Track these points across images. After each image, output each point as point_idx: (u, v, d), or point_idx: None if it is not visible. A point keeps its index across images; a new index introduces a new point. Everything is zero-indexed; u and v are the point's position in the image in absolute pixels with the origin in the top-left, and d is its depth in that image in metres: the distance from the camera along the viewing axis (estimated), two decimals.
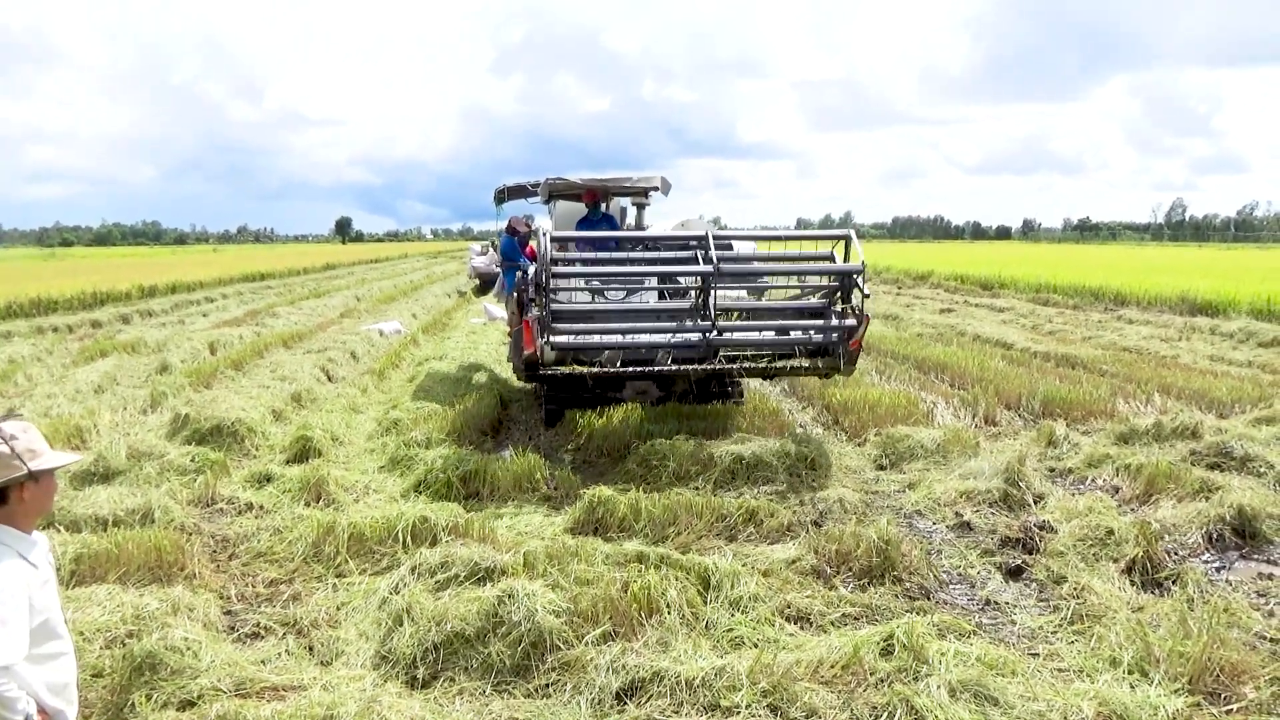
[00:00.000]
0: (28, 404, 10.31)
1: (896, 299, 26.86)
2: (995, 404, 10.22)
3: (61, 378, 12.38)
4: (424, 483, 7.22)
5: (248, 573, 5.80)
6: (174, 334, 17.57)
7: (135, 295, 25.86)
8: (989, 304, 23.84)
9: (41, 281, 26.64)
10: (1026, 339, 16.28)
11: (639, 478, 7.50)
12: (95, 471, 7.68)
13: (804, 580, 5.41)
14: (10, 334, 17.33)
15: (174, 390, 10.89)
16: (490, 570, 5.18)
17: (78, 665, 4.16)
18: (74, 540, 5.69)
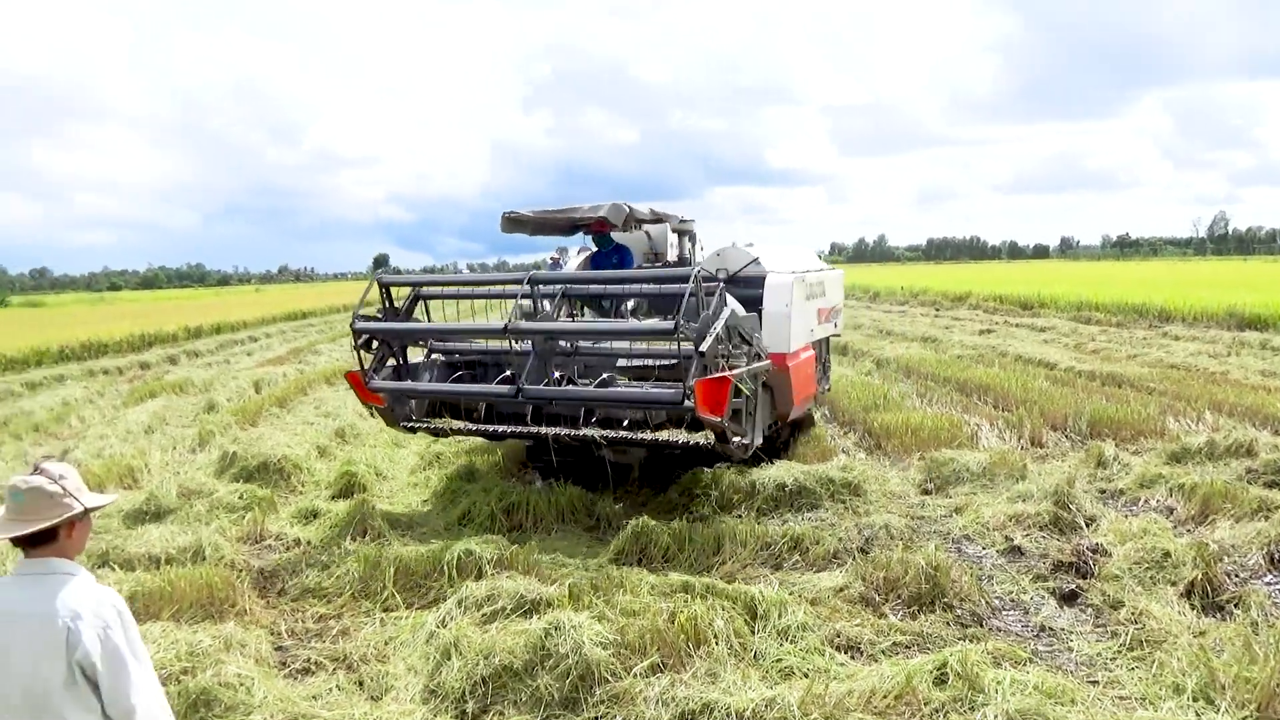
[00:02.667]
0: (81, 445, 10.55)
1: (935, 321, 26.61)
2: (1041, 425, 10.06)
3: (113, 419, 12.65)
4: (468, 516, 7.26)
5: (297, 608, 5.85)
6: (220, 373, 17.91)
7: (182, 336, 26.42)
8: (1029, 324, 23.53)
9: (91, 325, 27.32)
10: (1070, 358, 16.03)
11: (681, 507, 7.47)
12: (147, 510, 7.82)
13: (852, 608, 5.34)
14: (64, 377, 17.77)
15: (221, 429, 11.08)
16: (536, 602, 5.19)
17: None
18: (128, 578, 5.80)
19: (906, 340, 20.57)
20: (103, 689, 2.39)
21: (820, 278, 9.38)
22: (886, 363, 16.47)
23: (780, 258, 9.03)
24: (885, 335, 22.05)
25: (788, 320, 8.05)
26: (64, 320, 32.92)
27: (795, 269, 8.81)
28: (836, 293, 9.94)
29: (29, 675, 2.35)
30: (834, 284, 9.90)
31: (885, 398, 12.18)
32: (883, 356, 17.18)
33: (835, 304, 9.98)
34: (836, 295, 9.95)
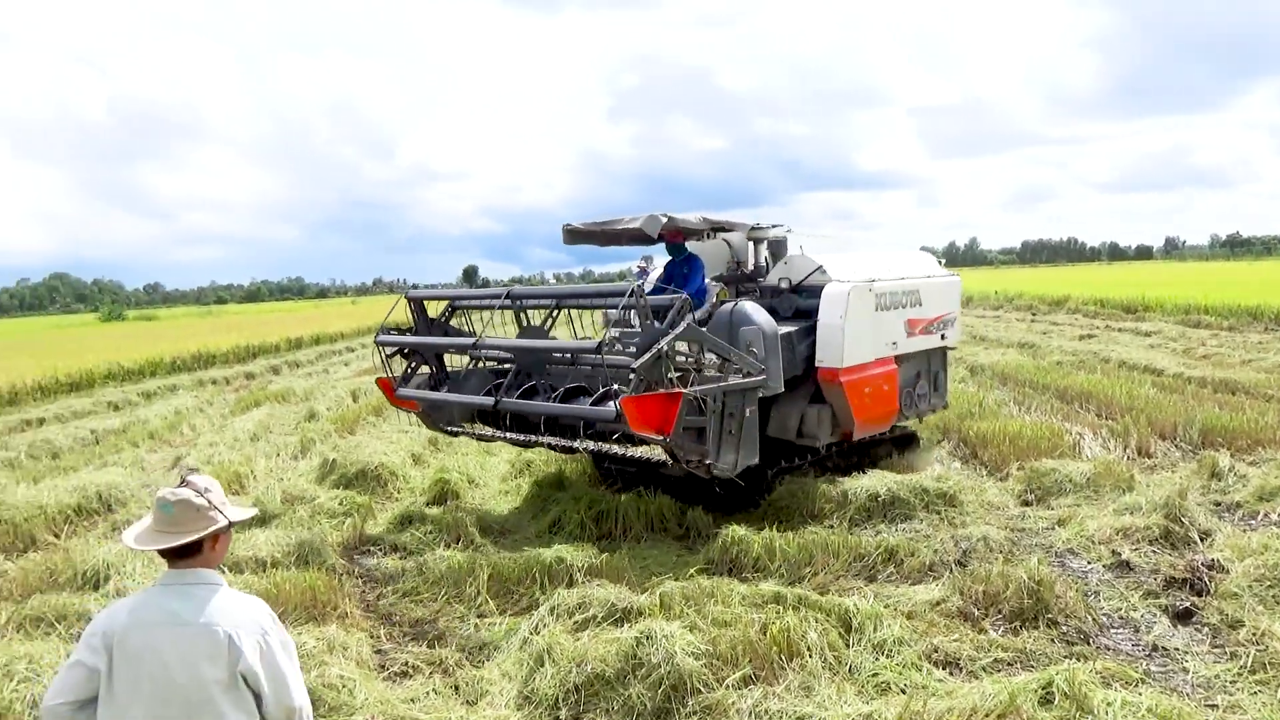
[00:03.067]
0: (193, 452, 11.05)
1: (1032, 326, 25.76)
2: (1148, 434, 9.63)
3: (221, 427, 13.23)
4: (558, 523, 7.34)
5: (395, 612, 6.01)
6: (319, 383, 18.55)
7: (283, 348, 27.50)
8: (1133, 328, 22.57)
9: (200, 337, 28.66)
10: (1178, 364, 15.30)
11: (771, 516, 7.40)
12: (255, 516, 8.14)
13: (950, 623, 5.20)
14: (176, 387, 18.68)
15: (321, 437, 11.47)
16: (627, 611, 5.21)
17: None
18: (238, 580, 6.03)
19: (1002, 346, 19.96)
20: (264, 694, 2.47)
21: (913, 285, 8.67)
22: (981, 369, 16.02)
23: (852, 265, 8.38)
24: (979, 341, 21.44)
25: (840, 333, 7.70)
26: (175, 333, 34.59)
27: (865, 277, 8.16)
28: (942, 302, 9.07)
29: (189, 683, 2.42)
30: (936, 292, 9.01)
31: (981, 405, 11.84)
32: (977, 363, 16.71)
33: (941, 314, 9.07)
34: (942, 304, 9.07)
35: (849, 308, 7.75)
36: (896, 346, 8.46)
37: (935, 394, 9.38)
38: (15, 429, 13.99)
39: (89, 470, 10.06)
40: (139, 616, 2.46)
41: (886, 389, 8.29)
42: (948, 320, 9.22)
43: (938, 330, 9.07)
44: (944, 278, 9.42)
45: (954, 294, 9.40)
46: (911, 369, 8.86)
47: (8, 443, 12.51)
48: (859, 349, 7.91)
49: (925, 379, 9.14)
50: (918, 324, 8.74)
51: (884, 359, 8.28)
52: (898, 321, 8.42)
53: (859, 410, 7.93)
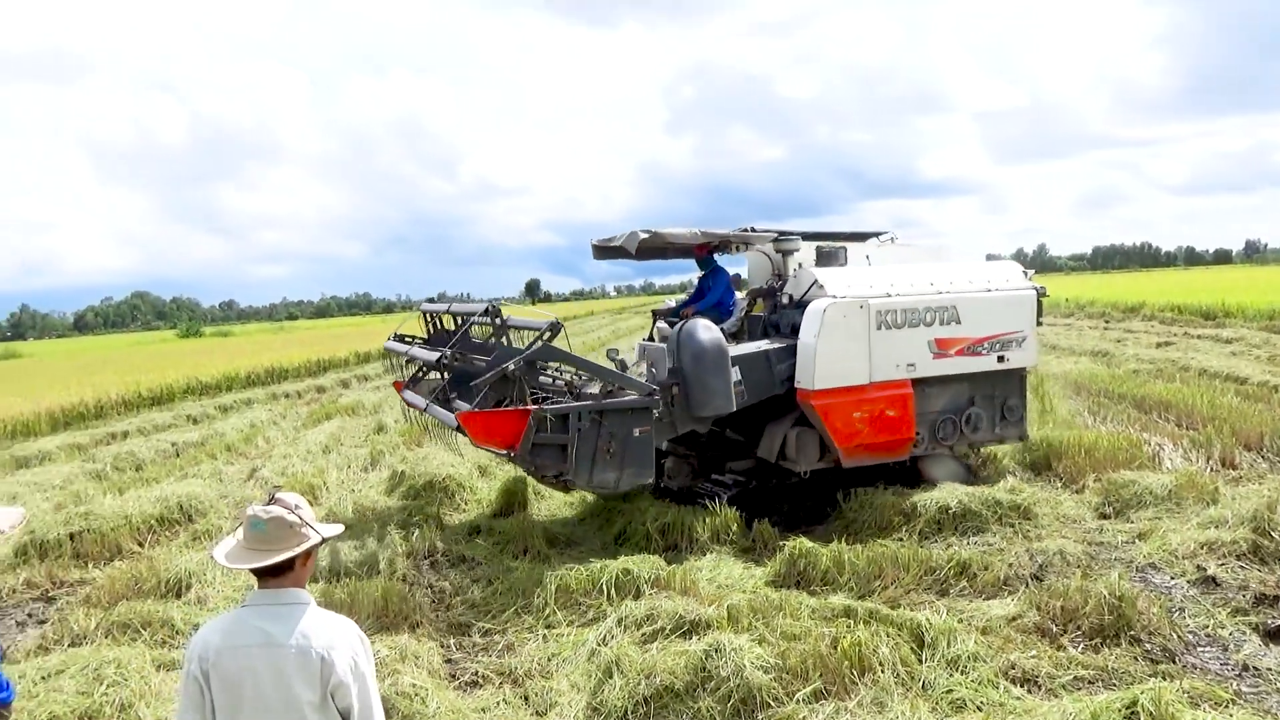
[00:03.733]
0: (268, 464, 11.35)
1: (1105, 334, 25.03)
2: (1233, 445, 9.27)
3: (294, 439, 13.57)
4: (624, 535, 7.35)
5: (465, 622, 6.08)
6: (387, 396, 18.89)
7: (352, 361, 28.12)
8: (1213, 335, 21.76)
9: (273, 353, 29.47)
10: (1263, 372, 14.71)
11: (839, 528, 7.31)
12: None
13: (1027, 639, 5.06)
14: (251, 400, 19.23)
15: (390, 449, 11.69)
16: (695, 623, 5.19)
17: None
18: (314, 589, 6.15)
19: (1074, 355, 19.44)
20: (353, 712, 2.49)
21: (944, 301, 7.87)
22: (1053, 378, 15.61)
23: (856, 279, 7.87)
24: (1050, 349, 20.91)
25: (812, 352, 7.46)
26: (250, 348, 35.60)
27: (863, 293, 7.66)
28: (997, 319, 8.11)
29: (283, 704, 2.44)
30: (985, 308, 8.07)
31: (1054, 415, 11.54)
32: (1048, 372, 16.29)
33: (994, 333, 8.11)
34: (997, 322, 8.11)
35: (824, 325, 7.43)
36: (915, 369, 7.80)
37: (1003, 423, 8.37)
38: (102, 441, 14.55)
39: (170, 481, 10.41)
40: (233, 639, 2.47)
41: (893, 415, 7.69)
42: (1008, 340, 8.13)
43: (990, 351, 8.08)
44: (1005, 292, 8.28)
45: (1020, 310, 8.25)
46: (950, 395, 8.10)
47: (95, 455, 13.01)
48: (838, 369, 7.51)
49: (983, 406, 8.24)
50: (952, 344, 7.93)
51: (890, 382, 7.70)
52: (917, 341, 7.76)
53: (841, 436, 7.57)
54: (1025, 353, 8.30)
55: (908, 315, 7.74)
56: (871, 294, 7.71)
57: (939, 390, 8.01)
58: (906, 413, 7.76)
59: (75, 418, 16.92)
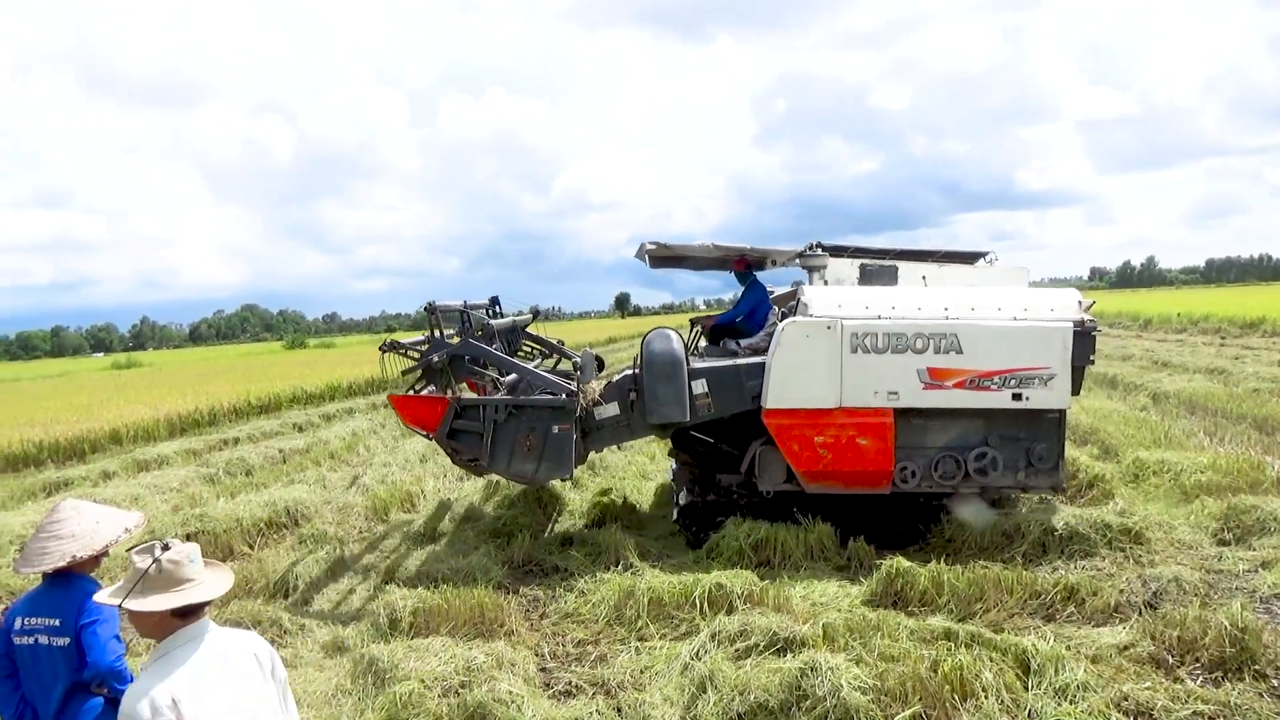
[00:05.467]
0: (369, 472, 11.71)
1: (1221, 350, 23.76)
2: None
3: (393, 448, 13.97)
4: (716, 549, 7.31)
5: (557, 632, 6.15)
6: None
7: None
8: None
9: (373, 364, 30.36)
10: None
11: (938, 549, 7.13)
12: (424, 533, 8.56)
13: (1141, 669, 4.83)
14: (352, 410, 19.89)
15: None
16: (790, 640, 5.13)
17: (421, 711, 4.60)
18: (411, 594, 6.34)
19: (1188, 372, 18.50)
20: None
21: (940, 328, 7.17)
22: (1165, 397, 14.90)
23: (841, 298, 7.45)
24: (1161, 367, 19.98)
25: (767, 370, 7.35)
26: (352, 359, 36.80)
27: (838, 313, 7.27)
28: (1012, 352, 7.16)
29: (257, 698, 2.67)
30: (995, 339, 7.16)
31: (1166, 435, 11.02)
32: (1160, 390, 15.56)
33: (1007, 367, 7.16)
34: (1013, 355, 7.16)
35: (779, 344, 7.28)
36: (898, 398, 7.25)
37: (1030, 470, 7.36)
38: (214, 447, 15.24)
39: (278, 487, 10.84)
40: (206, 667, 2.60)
41: (865, 444, 7.27)
42: (1028, 377, 7.15)
43: (1002, 387, 7.18)
44: (1027, 323, 7.20)
45: (1046, 345, 7.15)
46: (957, 431, 7.39)
47: (208, 460, 13.64)
48: (796, 390, 7.29)
49: (1002, 448, 7.36)
50: (949, 375, 7.21)
51: (866, 409, 7.27)
52: (903, 368, 7.21)
53: (799, 460, 7.36)
54: (1052, 393, 7.17)
55: (892, 340, 7.22)
56: (847, 315, 7.31)
57: (940, 424, 7.40)
58: (884, 443, 7.29)
59: (191, 424, 17.79)
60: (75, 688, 3.26)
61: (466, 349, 7.82)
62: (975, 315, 7.28)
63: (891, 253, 9.22)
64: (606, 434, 7.90)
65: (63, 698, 3.26)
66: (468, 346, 7.80)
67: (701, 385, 7.55)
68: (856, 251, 9.10)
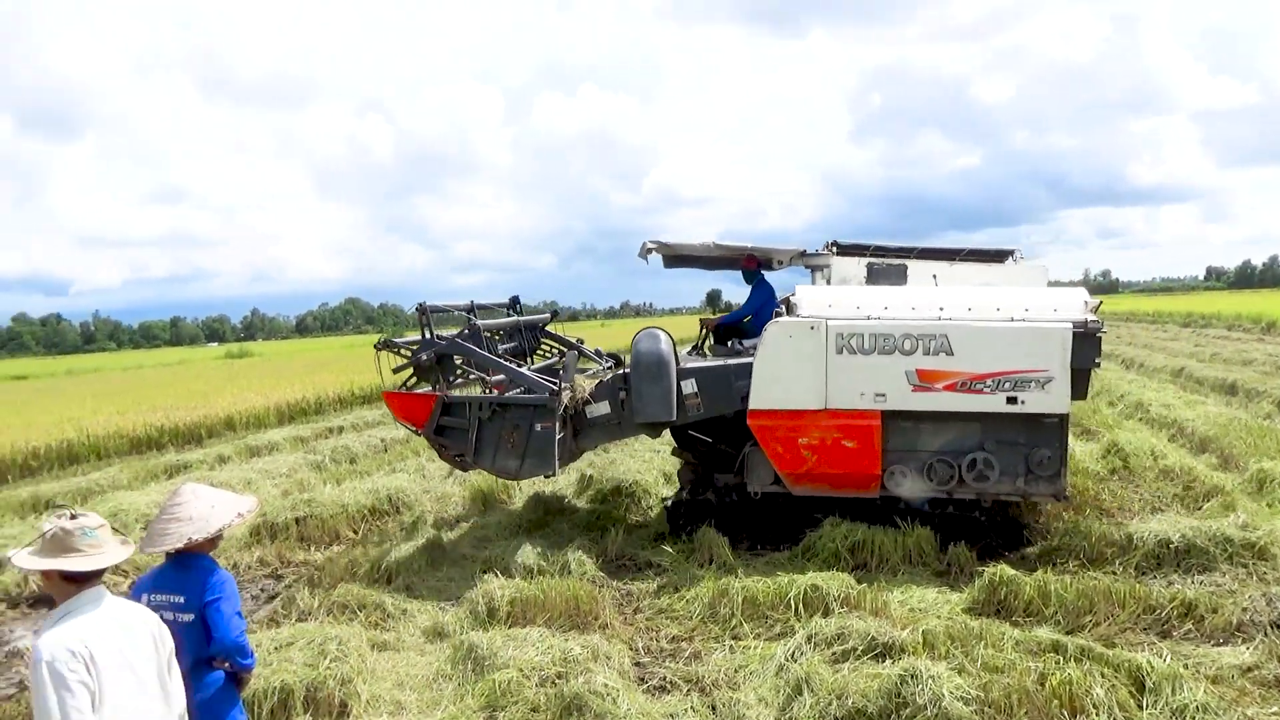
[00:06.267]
0: None
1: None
2: None
3: None
4: (811, 550, 7.23)
5: (651, 627, 6.18)
6: None
7: None
8: None
9: None
10: None
11: (1044, 557, 6.89)
12: (520, 524, 8.71)
13: (1267, 693, 4.59)
14: None
15: None
16: (888, 646, 5.04)
17: (519, 699, 4.69)
18: (509, 585, 6.47)
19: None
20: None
21: (930, 329, 6.97)
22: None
23: (831, 298, 7.39)
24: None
25: (749, 371, 7.36)
26: None
27: (825, 313, 7.16)
28: (1006, 354, 6.88)
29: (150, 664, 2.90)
30: (988, 340, 6.91)
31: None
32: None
33: (1003, 369, 6.87)
34: (1007, 357, 6.87)
35: (762, 344, 7.25)
36: (885, 400, 7.08)
37: (1030, 477, 7.09)
38: (321, 435, 15.85)
39: (380, 475, 11.19)
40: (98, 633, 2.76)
41: (850, 446, 7.15)
42: (1023, 379, 6.86)
43: (995, 390, 6.91)
44: (1023, 324, 6.92)
45: (1043, 346, 6.84)
46: (951, 435, 7.17)
47: (315, 447, 14.19)
48: (779, 391, 7.22)
49: (999, 454, 7.10)
50: (939, 377, 6.99)
51: (852, 411, 7.13)
52: (890, 370, 7.03)
53: (783, 461, 7.31)
54: (1050, 397, 6.85)
55: (879, 341, 7.05)
56: (833, 315, 7.17)
57: (933, 428, 7.19)
58: (870, 446, 7.16)
59: (298, 412, 18.54)
60: (199, 661, 3.44)
61: (453, 348, 7.93)
62: (967, 316, 7.07)
63: (913, 251, 9.09)
64: (598, 432, 8.05)
65: (188, 671, 3.44)
66: (454, 345, 7.92)
67: (691, 385, 7.61)
68: (877, 250, 9.04)
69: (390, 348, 8.25)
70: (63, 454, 14.38)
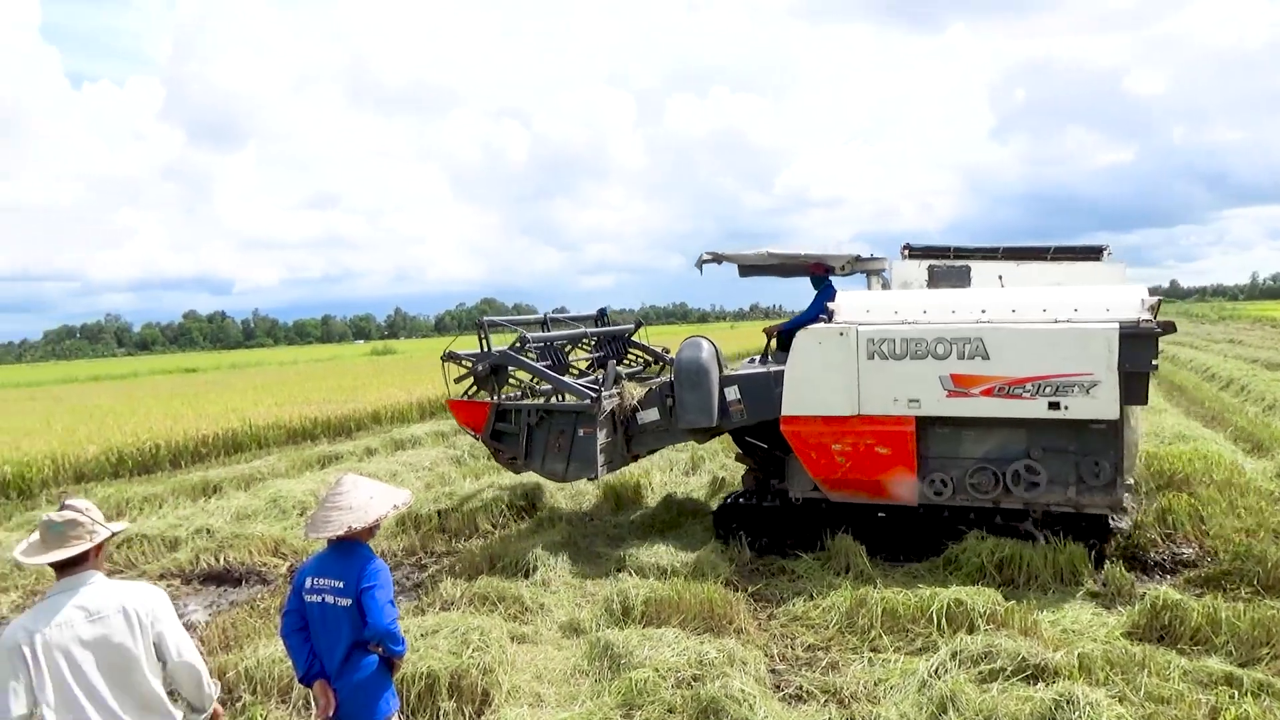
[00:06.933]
0: None
1: None
2: None
3: None
4: (955, 563, 6.96)
5: (786, 634, 6.09)
6: None
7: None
8: None
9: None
10: None
11: (1212, 581, 6.41)
12: (653, 525, 8.76)
13: None
14: None
15: (710, 455, 12.03)
16: (1040, 668, 4.80)
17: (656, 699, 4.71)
18: (643, 585, 6.51)
19: None
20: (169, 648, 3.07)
21: (964, 333, 6.70)
22: None
23: (869, 303, 7.30)
24: None
25: (767, 378, 7.57)
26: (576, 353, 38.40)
27: (859, 319, 7.03)
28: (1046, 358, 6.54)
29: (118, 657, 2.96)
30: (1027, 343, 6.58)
31: None
32: None
33: (1043, 373, 6.54)
34: (1046, 361, 6.54)
35: (795, 350, 7.19)
36: (919, 406, 6.87)
37: (1082, 486, 6.75)
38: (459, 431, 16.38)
39: None
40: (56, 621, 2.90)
41: (884, 453, 7.02)
42: (1065, 384, 6.51)
43: (1036, 395, 6.58)
44: (1063, 326, 6.56)
45: (1085, 349, 6.45)
46: (994, 442, 6.93)
47: (454, 442, 14.72)
48: (811, 397, 7.16)
49: (1048, 462, 6.81)
50: (975, 382, 6.73)
51: (885, 417, 6.97)
52: (924, 375, 6.82)
53: (816, 467, 7.29)
54: (1096, 401, 6.45)
55: (910, 346, 6.85)
56: (863, 321, 7.04)
57: (975, 434, 6.94)
58: (904, 453, 7.00)
59: (439, 409, 19.23)
60: (355, 645, 3.61)
61: (505, 359, 8.28)
62: (1006, 318, 6.77)
63: (998, 252, 8.85)
64: (649, 437, 8.30)
65: (345, 653, 3.61)
66: (505, 357, 8.27)
67: (734, 392, 7.78)
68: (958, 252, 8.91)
69: (453, 359, 8.62)
70: (228, 442, 15.41)
